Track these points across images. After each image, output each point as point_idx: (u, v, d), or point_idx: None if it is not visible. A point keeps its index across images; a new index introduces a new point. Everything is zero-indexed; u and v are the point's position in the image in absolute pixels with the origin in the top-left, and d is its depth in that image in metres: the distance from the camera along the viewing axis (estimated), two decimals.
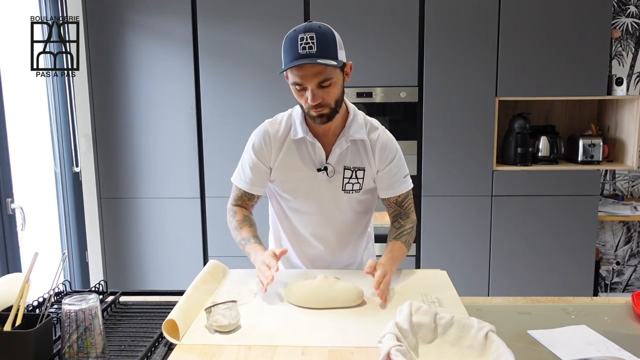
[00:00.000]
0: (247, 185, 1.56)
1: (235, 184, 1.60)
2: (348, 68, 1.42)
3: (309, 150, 1.50)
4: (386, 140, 1.53)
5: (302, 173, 1.52)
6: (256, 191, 1.57)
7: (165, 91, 2.96)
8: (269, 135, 1.52)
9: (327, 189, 1.53)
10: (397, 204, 1.57)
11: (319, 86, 1.34)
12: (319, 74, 1.32)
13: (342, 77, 1.40)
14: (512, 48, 2.88)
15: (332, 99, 1.38)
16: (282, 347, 1.08)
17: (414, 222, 1.58)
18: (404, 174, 1.55)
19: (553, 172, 2.98)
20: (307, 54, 1.30)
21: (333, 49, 1.33)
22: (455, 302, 1.29)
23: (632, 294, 1.32)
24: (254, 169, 1.54)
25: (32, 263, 1.09)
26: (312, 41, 1.30)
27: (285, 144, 1.51)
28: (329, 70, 1.33)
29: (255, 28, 2.90)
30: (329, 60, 1.31)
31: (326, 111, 1.38)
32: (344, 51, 1.39)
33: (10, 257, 2.29)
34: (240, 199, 1.61)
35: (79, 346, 0.97)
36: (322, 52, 1.30)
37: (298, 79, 1.34)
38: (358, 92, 2.92)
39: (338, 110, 1.42)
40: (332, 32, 1.36)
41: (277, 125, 1.53)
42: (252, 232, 1.53)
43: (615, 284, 3.53)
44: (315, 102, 1.35)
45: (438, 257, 3.02)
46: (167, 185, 3.03)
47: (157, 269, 3.10)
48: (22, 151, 2.56)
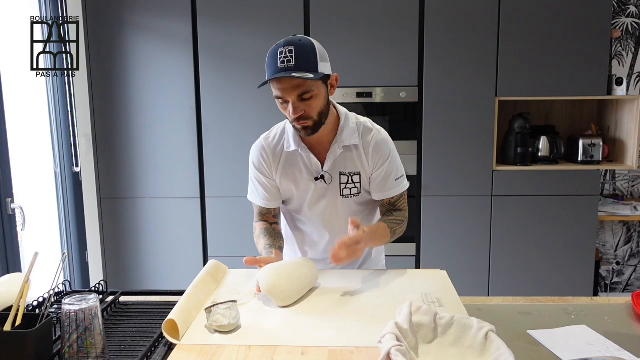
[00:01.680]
0: (262, 201, 1.60)
1: (251, 201, 1.63)
2: (333, 80, 1.42)
3: (305, 161, 1.52)
4: (379, 141, 1.52)
5: (301, 183, 1.54)
6: (272, 204, 1.60)
7: (165, 91, 2.96)
8: (265, 151, 1.55)
9: (327, 195, 1.55)
10: (390, 204, 1.58)
11: (299, 99, 1.35)
12: (298, 87, 1.33)
13: (326, 89, 1.40)
14: (512, 48, 2.88)
15: (315, 111, 1.38)
16: (282, 347, 1.08)
17: (405, 217, 1.59)
18: (397, 176, 1.55)
19: (553, 172, 2.98)
20: (285, 67, 1.31)
21: (312, 61, 1.33)
22: (455, 302, 1.29)
23: (632, 294, 1.32)
24: (262, 185, 1.57)
25: (32, 263, 1.09)
26: (290, 55, 1.31)
27: (283, 157, 1.54)
28: (309, 83, 1.33)
29: (255, 28, 2.90)
30: (306, 73, 1.31)
31: (309, 124, 1.39)
32: (328, 63, 1.39)
33: (10, 257, 2.29)
34: (260, 214, 1.64)
35: (79, 346, 0.97)
36: (301, 65, 1.31)
37: (279, 92, 1.35)
38: (358, 92, 2.92)
39: (323, 122, 1.43)
40: (313, 44, 1.35)
41: (272, 140, 1.55)
42: (266, 242, 1.53)
43: (615, 284, 3.53)
44: (296, 114, 1.36)
45: (438, 257, 3.02)
46: (167, 185, 3.03)
47: (157, 269, 3.10)
48: (22, 151, 2.56)
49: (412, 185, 2.95)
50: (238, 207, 2.99)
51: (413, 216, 3.02)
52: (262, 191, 1.58)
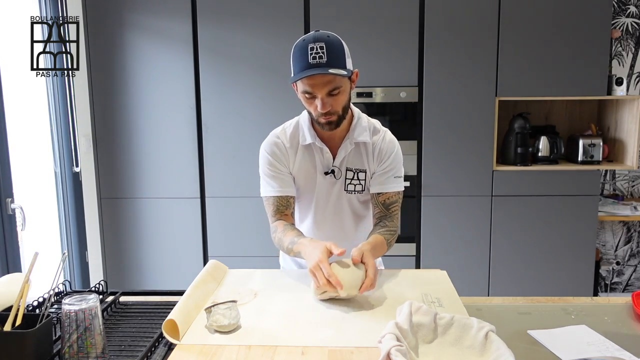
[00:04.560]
0: (280, 189, 1.54)
1: (266, 195, 1.57)
2: (354, 76, 1.46)
3: (318, 155, 1.55)
4: (387, 142, 1.56)
5: (314, 176, 1.57)
6: (288, 192, 1.55)
7: (165, 91, 2.96)
8: (283, 143, 1.56)
9: (333, 191, 1.58)
10: (384, 205, 1.57)
11: (328, 94, 1.38)
12: (329, 83, 1.36)
13: (350, 85, 1.44)
14: (512, 48, 2.88)
15: (340, 106, 1.42)
16: (282, 347, 1.08)
17: (397, 228, 1.58)
18: (396, 174, 1.57)
19: (553, 172, 2.98)
20: (318, 63, 1.33)
21: (342, 58, 1.37)
22: (455, 302, 1.29)
23: (632, 294, 1.32)
24: (279, 174, 1.55)
25: (32, 263, 1.09)
26: (322, 51, 1.33)
27: (299, 151, 1.55)
28: (338, 79, 1.37)
29: (255, 28, 2.90)
30: (340, 69, 1.34)
31: (334, 118, 1.43)
32: (350, 59, 1.42)
33: (10, 257, 2.29)
34: (278, 211, 1.56)
35: (79, 346, 0.97)
36: (333, 61, 1.34)
37: (308, 88, 1.37)
38: (358, 92, 2.92)
39: (345, 117, 1.47)
40: (341, 41, 1.40)
41: (287, 134, 1.56)
42: (297, 233, 1.48)
43: (615, 284, 3.53)
44: (324, 110, 1.39)
45: (438, 257, 3.02)
46: (167, 185, 3.03)
47: (157, 269, 3.10)
48: (22, 151, 2.56)
49: (412, 185, 2.98)
50: (238, 207, 2.99)
51: (413, 216, 3.02)
52: (278, 180, 1.54)
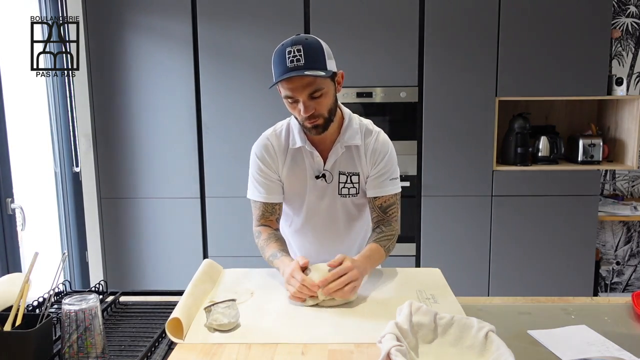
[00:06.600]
0: (266, 196, 1.54)
1: (252, 199, 1.58)
2: (339, 77, 1.43)
3: (308, 159, 1.52)
4: (379, 143, 1.53)
5: (304, 180, 1.54)
6: (275, 199, 1.55)
7: (165, 91, 2.96)
8: (273, 146, 1.53)
9: (326, 195, 1.55)
10: (381, 209, 1.55)
11: (310, 97, 1.35)
12: (309, 85, 1.33)
13: (334, 87, 1.41)
14: (512, 48, 2.88)
15: (325, 109, 1.39)
16: (283, 345, 1.08)
17: (396, 232, 1.56)
18: (392, 176, 1.54)
19: (553, 172, 2.98)
20: (295, 66, 1.31)
21: (321, 59, 1.34)
22: (449, 298, 1.32)
23: (632, 294, 1.32)
24: (267, 179, 1.54)
25: (32, 263, 1.09)
26: (299, 54, 1.31)
27: (289, 154, 1.53)
28: (319, 81, 1.34)
29: (255, 28, 2.90)
30: (317, 71, 1.31)
31: (320, 121, 1.40)
32: (333, 61, 1.39)
33: (10, 257, 2.29)
34: (263, 217, 1.57)
35: (79, 346, 0.97)
36: (310, 63, 1.31)
37: (289, 92, 1.35)
38: (358, 92, 2.92)
39: (332, 119, 1.44)
40: (320, 43, 1.36)
41: (278, 136, 1.54)
42: (278, 247, 1.49)
43: (615, 284, 3.53)
44: (307, 113, 1.36)
45: (438, 257, 3.02)
46: (167, 185, 3.03)
47: (157, 269, 3.10)
48: (22, 151, 2.56)
49: (412, 185, 2.98)
50: (238, 207, 2.99)
51: (413, 216, 3.02)
52: (266, 186, 1.54)
